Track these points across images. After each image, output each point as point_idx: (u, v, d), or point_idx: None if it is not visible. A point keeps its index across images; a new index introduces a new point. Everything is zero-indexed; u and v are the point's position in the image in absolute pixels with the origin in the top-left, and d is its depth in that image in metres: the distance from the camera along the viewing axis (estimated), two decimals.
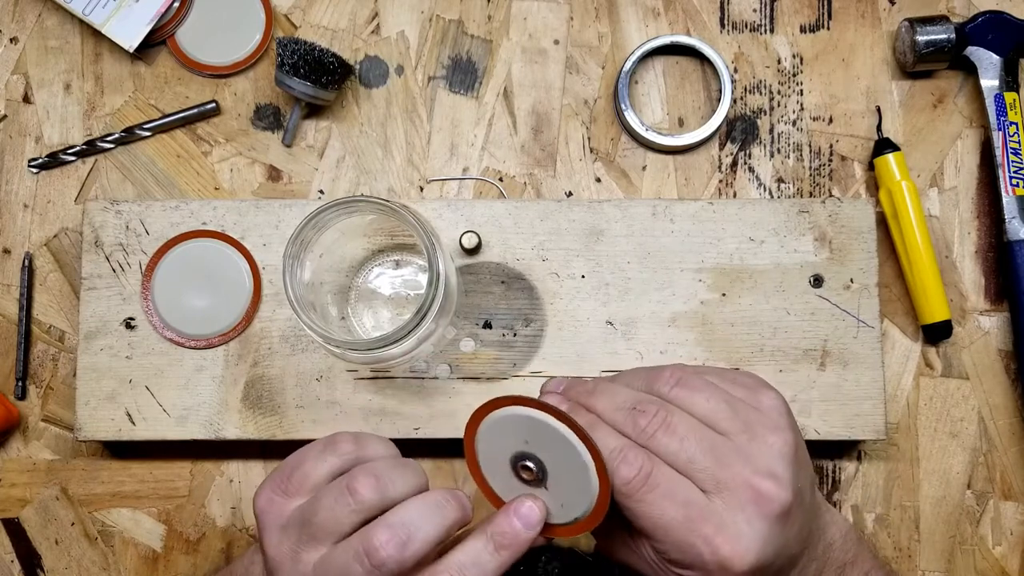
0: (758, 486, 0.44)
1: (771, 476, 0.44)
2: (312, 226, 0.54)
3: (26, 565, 0.66)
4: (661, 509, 0.44)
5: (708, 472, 0.44)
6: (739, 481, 0.44)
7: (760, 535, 0.44)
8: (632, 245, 0.64)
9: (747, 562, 0.43)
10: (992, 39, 0.67)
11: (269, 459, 0.67)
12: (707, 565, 0.43)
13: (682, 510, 0.44)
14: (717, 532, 0.43)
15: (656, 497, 0.44)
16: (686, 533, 0.44)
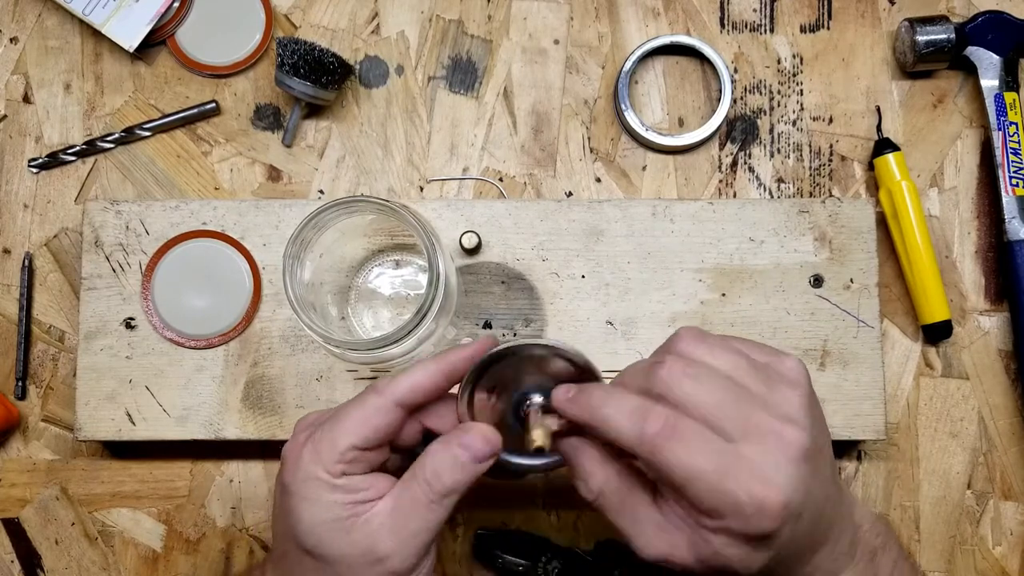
0: (780, 431, 0.44)
1: (790, 421, 0.44)
2: (312, 226, 0.54)
3: (26, 565, 0.66)
4: (692, 458, 0.43)
5: (733, 421, 0.44)
6: (763, 427, 0.44)
7: (787, 476, 0.43)
8: (632, 245, 0.64)
9: (780, 501, 0.43)
10: (992, 39, 0.67)
11: (269, 459, 0.67)
12: (743, 508, 0.43)
13: (713, 457, 0.43)
14: (750, 475, 0.43)
15: (685, 447, 0.43)
16: (720, 478, 0.43)
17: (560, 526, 0.66)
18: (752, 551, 0.44)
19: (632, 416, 0.44)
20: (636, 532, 0.46)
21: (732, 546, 0.44)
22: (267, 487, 0.67)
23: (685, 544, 0.45)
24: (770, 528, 0.43)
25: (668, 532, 0.45)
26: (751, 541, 0.44)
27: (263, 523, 0.67)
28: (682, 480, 0.43)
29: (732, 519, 0.43)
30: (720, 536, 0.44)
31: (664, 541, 0.45)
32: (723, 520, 0.43)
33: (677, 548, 0.45)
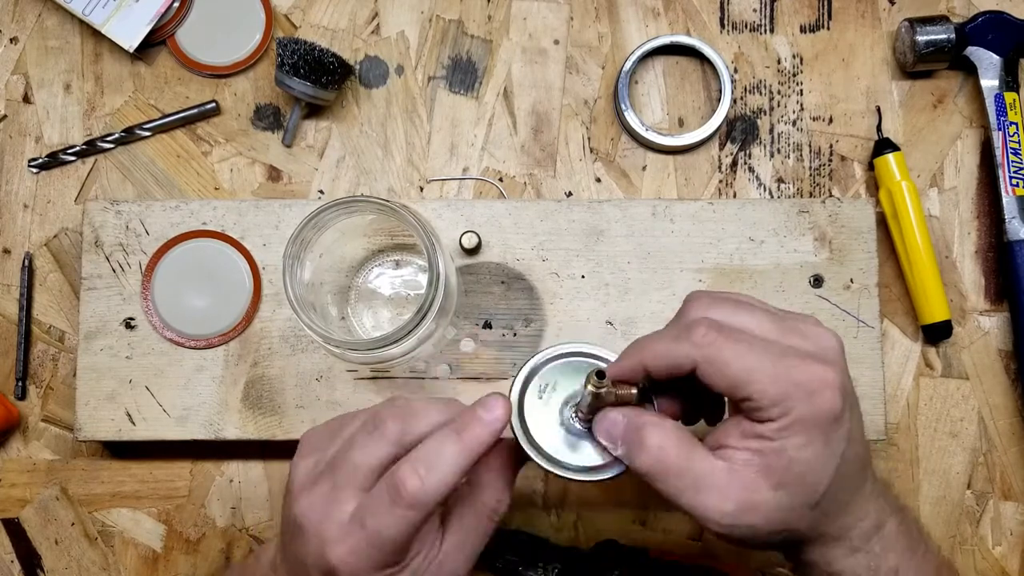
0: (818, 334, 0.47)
1: (821, 347, 0.46)
2: (312, 226, 0.54)
3: (26, 565, 0.66)
4: (746, 356, 0.44)
5: (775, 332, 0.46)
6: (804, 331, 0.46)
7: (836, 355, 0.46)
8: (632, 245, 0.64)
9: (836, 377, 0.45)
10: (992, 39, 0.67)
11: (269, 459, 0.67)
12: (807, 385, 0.44)
13: (766, 353, 0.44)
14: (804, 359, 0.45)
15: (737, 347, 0.45)
16: (776, 367, 0.44)
17: (560, 526, 0.66)
18: (824, 446, 0.44)
19: (679, 335, 0.45)
20: (703, 494, 0.45)
21: (805, 445, 0.44)
22: (267, 487, 0.67)
23: (757, 477, 0.44)
24: (834, 405, 0.44)
25: (736, 475, 0.45)
26: (822, 429, 0.44)
27: (263, 523, 0.67)
28: (742, 377, 0.44)
29: (798, 404, 0.44)
30: (791, 435, 0.44)
31: (736, 486, 0.45)
32: (790, 411, 0.44)
33: (749, 489, 0.45)
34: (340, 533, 0.46)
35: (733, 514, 0.44)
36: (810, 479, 0.45)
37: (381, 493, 0.45)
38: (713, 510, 0.44)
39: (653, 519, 0.67)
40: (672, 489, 0.45)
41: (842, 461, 0.46)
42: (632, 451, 0.46)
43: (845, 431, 0.45)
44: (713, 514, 0.45)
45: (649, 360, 0.47)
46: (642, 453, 0.45)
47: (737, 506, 0.44)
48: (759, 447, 0.45)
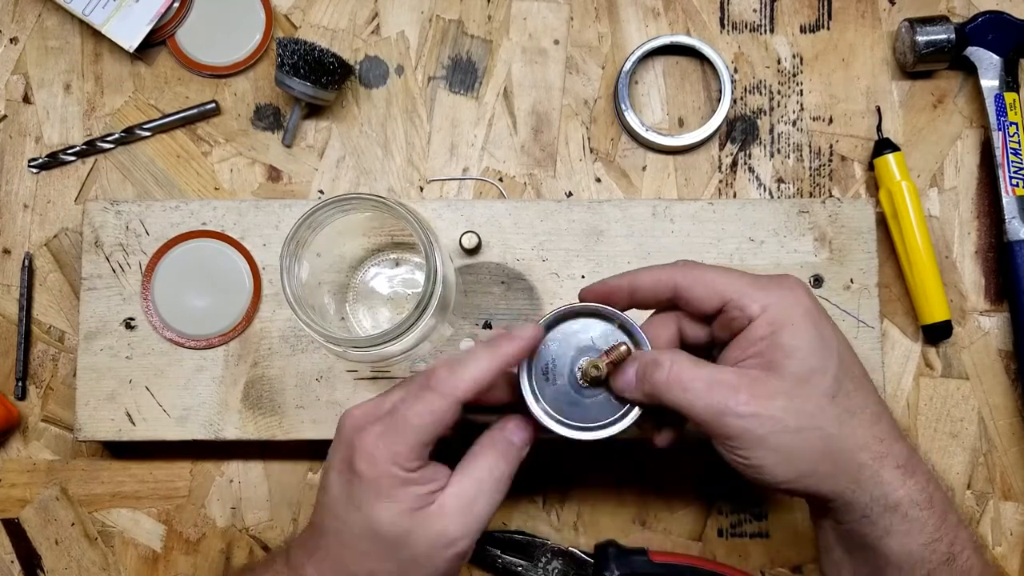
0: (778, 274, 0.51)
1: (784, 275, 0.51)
2: (307, 225, 0.54)
3: (26, 565, 0.66)
4: (721, 273, 0.49)
5: None
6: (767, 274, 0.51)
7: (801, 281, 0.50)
8: (632, 245, 0.64)
9: (805, 285, 0.49)
10: (992, 39, 0.67)
11: (269, 459, 0.67)
12: (779, 285, 0.48)
13: (738, 273, 0.50)
14: (772, 277, 0.49)
15: (712, 268, 0.50)
16: (751, 279, 0.49)
17: (560, 526, 0.66)
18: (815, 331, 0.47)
19: (663, 265, 0.51)
20: (717, 393, 0.47)
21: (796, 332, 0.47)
22: (267, 487, 0.67)
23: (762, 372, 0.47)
24: (809, 297, 0.48)
25: (744, 374, 0.47)
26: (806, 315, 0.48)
27: (263, 523, 0.67)
28: (722, 286, 0.49)
29: (777, 297, 0.48)
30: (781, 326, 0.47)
31: (745, 381, 0.47)
32: (771, 304, 0.48)
33: (759, 382, 0.47)
34: (371, 422, 0.49)
35: (747, 402, 0.46)
36: (812, 362, 0.47)
37: (415, 383, 0.49)
38: (727, 403, 0.46)
39: (653, 519, 0.67)
40: (688, 395, 0.47)
41: (841, 353, 0.48)
42: (646, 376, 0.48)
43: (833, 328, 0.49)
44: (730, 406, 0.46)
45: (635, 279, 0.51)
46: (658, 370, 0.48)
47: (750, 395, 0.46)
48: (757, 349, 0.48)
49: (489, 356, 0.48)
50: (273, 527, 0.67)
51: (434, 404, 0.47)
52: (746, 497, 0.66)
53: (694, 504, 0.67)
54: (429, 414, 0.47)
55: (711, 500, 0.67)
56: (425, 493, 0.48)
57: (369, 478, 0.48)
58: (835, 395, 0.47)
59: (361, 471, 0.48)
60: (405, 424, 0.47)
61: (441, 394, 0.48)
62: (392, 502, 0.48)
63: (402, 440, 0.47)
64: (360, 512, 0.48)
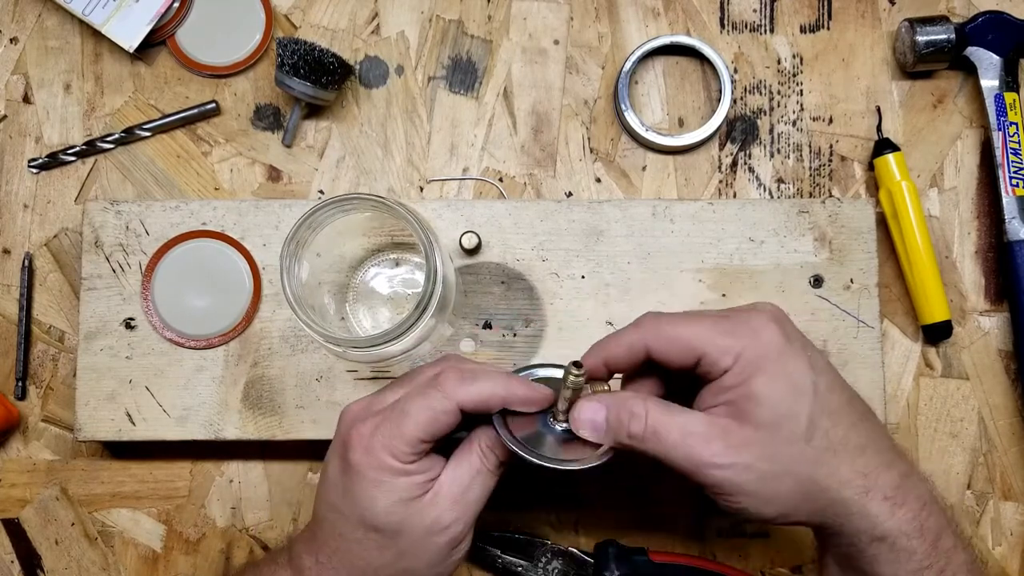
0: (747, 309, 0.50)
1: (754, 307, 0.50)
2: (307, 225, 0.54)
3: (26, 565, 0.66)
4: (687, 324, 0.48)
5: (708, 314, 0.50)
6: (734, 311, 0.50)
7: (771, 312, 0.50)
8: (632, 245, 0.64)
9: (775, 319, 0.49)
10: (992, 39, 0.67)
11: (269, 460, 0.67)
12: (747, 328, 0.48)
13: (705, 320, 0.49)
14: (740, 315, 0.49)
15: (678, 319, 0.49)
16: (718, 325, 0.48)
17: (560, 526, 0.66)
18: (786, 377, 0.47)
19: (627, 328, 0.50)
20: (691, 442, 0.47)
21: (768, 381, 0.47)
22: (267, 487, 0.67)
23: (732, 421, 0.47)
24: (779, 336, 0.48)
25: (715, 423, 0.47)
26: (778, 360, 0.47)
27: (263, 523, 0.67)
28: (691, 340, 0.48)
29: (747, 343, 0.47)
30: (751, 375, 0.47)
31: (716, 431, 0.47)
32: (742, 352, 0.47)
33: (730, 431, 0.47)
34: (369, 414, 0.50)
35: (723, 453, 0.46)
36: (782, 409, 0.47)
37: (422, 382, 0.50)
38: (703, 455, 0.46)
39: (653, 519, 0.67)
40: (664, 446, 0.47)
41: (817, 390, 0.47)
42: (620, 425, 0.48)
43: (803, 361, 0.48)
44: (704, 457, 0.46)
45: (606, 354, 0.50)
46: (633, 421, 0.48)
47: (724, 447, 0.46)
48: (727, 397, 0.47)
49: (502, 383, 0.49)
50: (273, 527, 0.67)
51: (436, 402, 0.48)
52: None
53: (694, 504, 0.67)
54: (430, 410, 0.48)
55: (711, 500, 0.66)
56: (420, 482, 0.49)
57: (364, 468, 0.48)
58: (810, 437, 0.47)
59: (356, 461, 0.49)
60: (404, 416, 0.48)
61: (446, 395, 0.48)
62: (386, 492, 0.48)
63: (399, 432, 0.48)
64: (355, 502, 0.49)
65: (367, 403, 0.51)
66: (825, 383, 0.48)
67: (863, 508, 0.47)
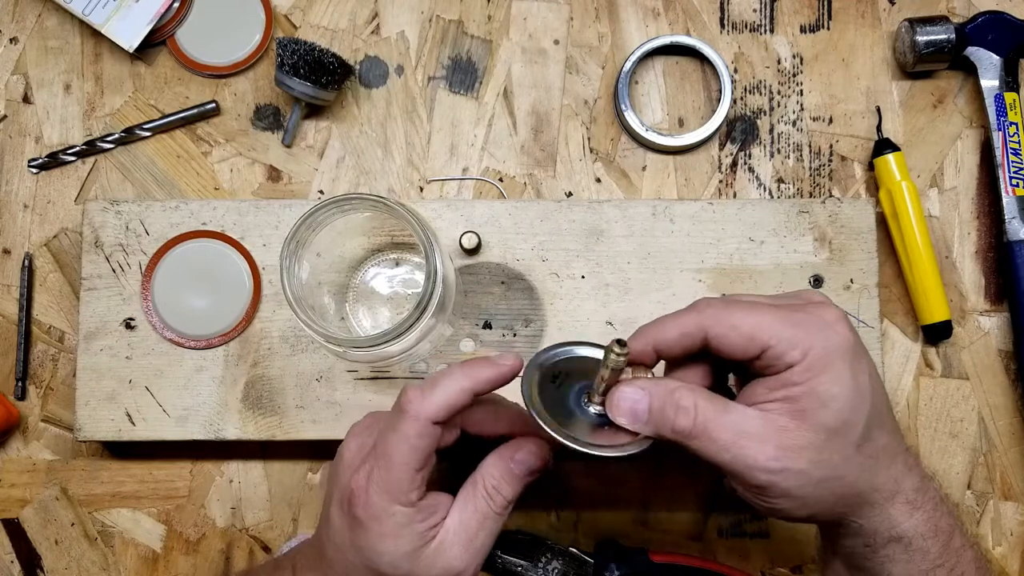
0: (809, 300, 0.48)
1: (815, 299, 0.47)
2: (307, 226, 0.54)
3: (26, 565, 0.66)
4: (751, 313, 0.45)
5: (770, 302, 0.47)
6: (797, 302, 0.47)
7: (836, 307, 0.47)
8: (632, 245, 0.64)
9: (844, 315, 0.46)
10: (992, 39, 0.67)
11: (269, 460, 0.67)
12: (817, 323, 0.45)
13: (769, 309, 0.45)
14: (807, 308, 0.46)
15: (740, 307, 0.46)
16: (783, 317, 0.45)
17: (560, 526, 0.66)
18: (851, 378, 0.44)
19: (685, 311, 0.47)
20: (744, 444, 0.44)
21: (833, 380, 0.44)
22: (267, 487, 0.67)
23: (791, 420, 0.44)
24: (849, 335, 0.45)
25: (772, 422, 0.44)
26: (845, 360, 0.44)
27: (263, 523, 0.67)
28: (755, 330, 0.45)
29: (816, 339, 0.44)
30: (817, 373, 0.44)
31: (772, 431, 0.44)
32: (810, 348, 0.44)
33: (787, 432, 0.44)
34: (362, 461, 0.48)
35: (777, 457, 0.44)
36: (846, 414, 0.44)
37: (391, 413, 0.47)
38: (756, 458, 0.44)
39: (653, 519, 0.67)
40: (713, 446, 0.44)
41: (874, 397, 0.45)
42: (665, 418, 0.45)
43: (866, 365, 0.46)
44: (758, 461, 0.44)
45: (659, 337, 0.47)
46: (680, 415, 0.45)
47: (778, 449, 0.44)
48: (787, 394, 0.44)
49: (462, 376, 0.47)
50: (273, 527, 0.67)
51: (408, 431, 0.46)
52: None
53: (694, 504, 0.67)
54: (405, 441, 0.46)
55: (711, 500, 0.67)
56: (425, 529, 0.47)
57: (367, 523, 0.47)
58: (862, 444, 0.45)
59: (359, 517, 0.47)
60: (388, 459, 0.46)
61: (413, 417, 0.46)
62: (393, 545, 0.47)
63: (390, 476, 0.46)
64: (363, 556, 0.47)
65: (361, 440, 0.49)
66: (879, 388, 0.47)
67: (885, 511, 0.47)
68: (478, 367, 0.47)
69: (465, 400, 0.47)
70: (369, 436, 0.49)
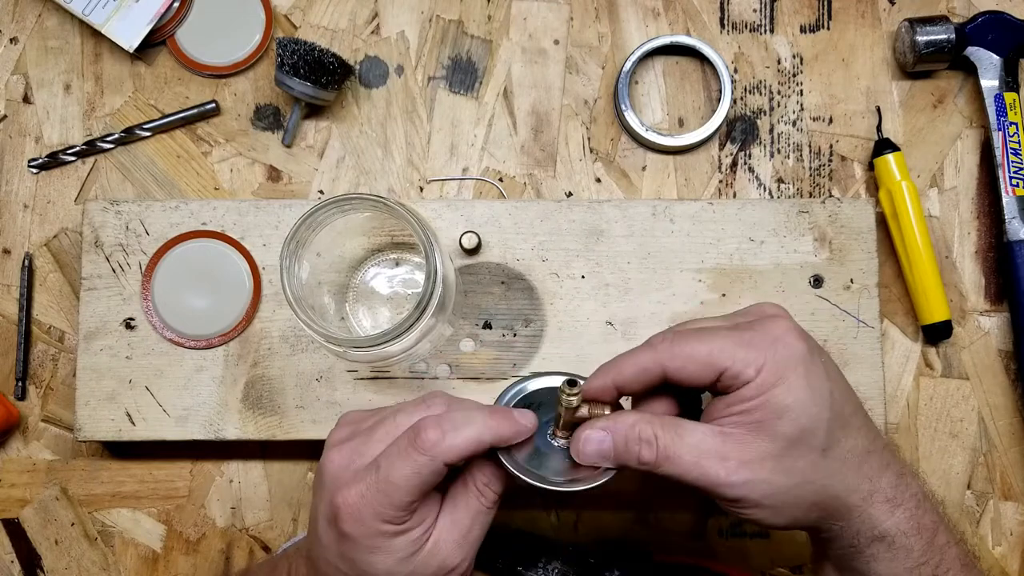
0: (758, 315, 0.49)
1: (764, 312, 0.49)
2: (307, 226, 0.54)
3: (26, 565, 0.66)
4: (704, 340, 0.46)
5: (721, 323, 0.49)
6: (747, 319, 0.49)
7: (785, 317, 0.49)
8: (632, 245, 0.64)
9: (793, 325, 0.47)
10: (992, 39, 0.67)
11: (269, 459, 0.67)
12: (767, 338, 0.46)
13: (720, 333, 0.47)
14: (756, 325, 0.47)
15: (692, 336, 0.47)
16: (736, 338, 0.46)
17: (560, 526, 0.66)
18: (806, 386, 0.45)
19: (640, 348, 0.48)
20: (705, 462, 0.46)
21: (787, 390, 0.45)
22: (267, 487, 0.67)
23: (748, 434, 0.46)
24: (799, 344, 0.46)
25: (730, 437, 0.46)
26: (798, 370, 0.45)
27: (263, 523, 0.67)
28: (710, 356, 0.46)
29: (768, 354, 0.46)
30: (772, 386, 0.45)
31: (731, 445, 0.46)
32: (764, 364, 0.45)
33: (746, 445, 0.45)
34: (354, 478, 0.47)
35: (738, 471, 0.45)
36: (803, 422, 0.46)
37: (401, 440, 0.47)
38: (719, 473, 0.45)
39: (653, 519, 0.67)
40: (679, 469, 0.46)
41: (833, 400, 0.47)
42: (629, 453, 0.47)
43: (821, 370, 0.47)
44: (721, 477, 0.45)
45: (618, 376, 0.48)
46: (644, 448, 0.46)
47: (739, 464, 0.45)
48: (743, 408, 0.46)
49: (484, 428, 0.47)
50: (273, 527, 0.67)
51: (421, 466, 0.46)
52: None
53: (694, 504, 0.67)
54: (415, 476, 0.46)
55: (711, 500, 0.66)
56: (418, 536, 0.47)
57: (358, 536, 0.46)
58: (827, 448, 0.46)
59: (349, 532, 0.47)
60: (389, 484, 0.46)
61: (430, 457, 0.46)
62: (384, 555, 0.47)
63: (387, 501, 0.46)
64: (354, 566, 0.47)
65: (349, 454, 0.48)
66: (839, 391, 0.47)
67: (865, 512, 0.47)
68: (500, 422, 0.47)
69: (481, 450, 0.47)
70: (354, 451, 0.48)
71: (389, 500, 0.46)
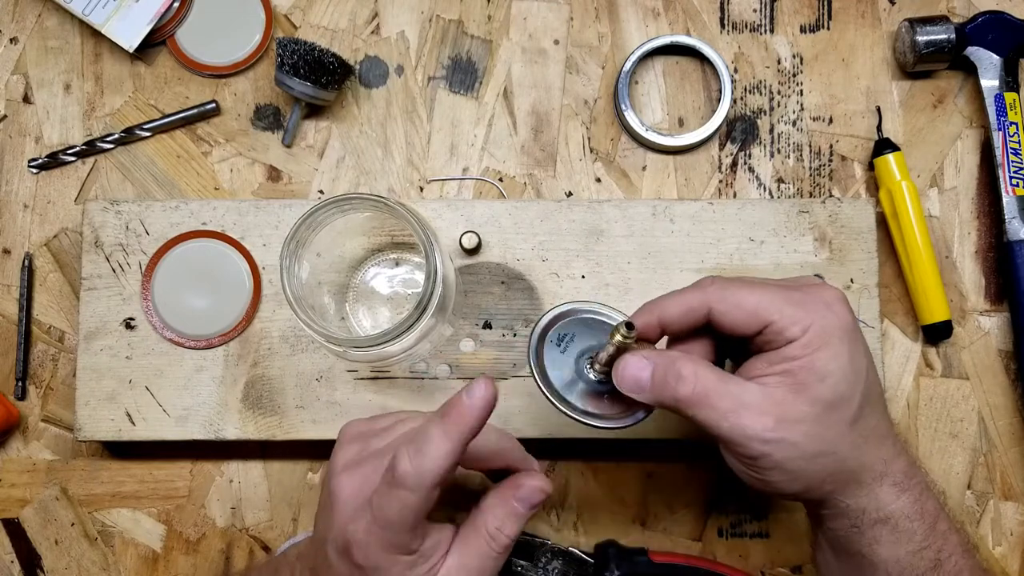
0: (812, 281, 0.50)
1: (817, 281, 0.49)
2: (307, 225, 0.54)
3: (26, 565, 0.66)
4: (753, 291, 0.47)
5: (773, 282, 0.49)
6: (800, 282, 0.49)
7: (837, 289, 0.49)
8: (632, 245, 0.64)
9: (845, 297, 0.48)
10: (992, 39, 0.67)
11: (269, 459, 0.67)
12: (820, 301, 0.46)
13: (772, 288, 0.47)
14: (809, 288, 0.47)
15: (743, 285, 0.47)
16: (786, 295, 0.46)
17: (560, 526, 0.66)
18: (849, 357, 0.46)
19: (689, 288, 0.49)
20: (742, 413, 0.45)
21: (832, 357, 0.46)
22: (267, 487, 0.67)
23: (789, 393, 0.46)
24: (850, 316, 0.47)
25: (770, 394, 0.46)
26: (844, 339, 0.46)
27: (263, 523, 0.67)
28: (758, 307, 0.46)
29: (818, 316, 0.46)
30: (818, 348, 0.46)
31: (770, 402, 0.45)
32: (811, 324, 0.46)
33: (785, 404, 0.45)
34: (362, 509, 0.47)
35: (774, 428, 0.45)
36: (842, 390, 0.46)
37: (386, 476, 0.46)
38: (754, 427, 0.45)
39: (653, 519, 0.67)
40: (712, 414, 0.46)
41: (868, 378, 0.47)
42: (666, 386, 0.47)
43: (862, 346, 0.47)
44: (755, 431, 0.45)
45: (664, 312, 0.48)
46: (681, 384, 0.46)
47: (776, 420, 0.45)
48: (787, 367, 0.46)
49: (443, 440, 0.45)
50: (273, 527, 0.67)
51: (406, 501, 0.45)
52: (746, 497, 0.66)
53: (694, 504, 0.67)
54: (406, 510, 0.45)
55: (711, 500, 0.67)
56: (427, 569, 0.47)
57: (370, 569, 0.47)
58: (855, 421, 0.47)
59: (360, 563, 0.47)
60: (387, 522, 0.46)
61: (410, 489, 0.45)
62: None
63: (390, 534, 0.46)
64: None
65: (360, 482, 0.48)
66: (872, 371, 0.48)
67: (873, 491, 0.47)
68: (454, 421, 0.45)
69: (456, 458, 0.46)
70: (365, 480, 0.48)
71: (390, 532, 0.46)
